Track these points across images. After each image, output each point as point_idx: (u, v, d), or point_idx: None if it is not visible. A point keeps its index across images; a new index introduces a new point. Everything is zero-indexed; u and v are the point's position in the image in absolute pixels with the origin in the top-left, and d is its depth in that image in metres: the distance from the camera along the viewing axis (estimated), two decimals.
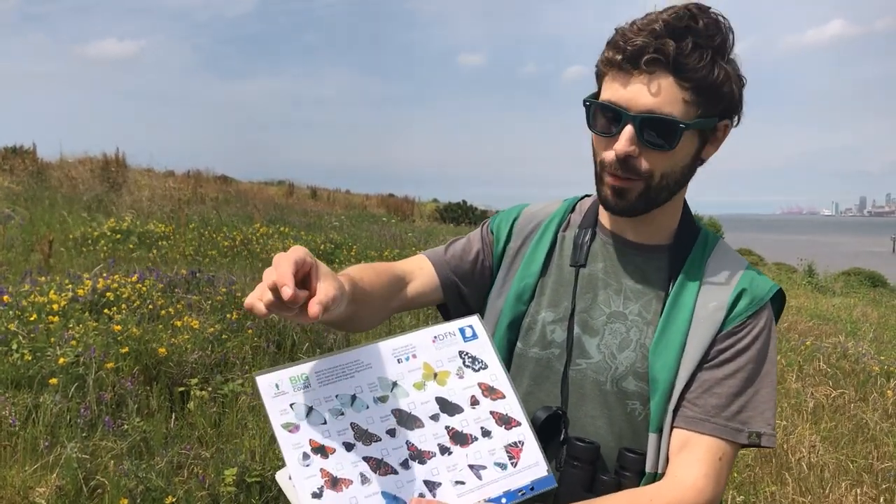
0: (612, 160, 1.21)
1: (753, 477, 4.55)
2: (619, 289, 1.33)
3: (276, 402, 1.06)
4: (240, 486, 3.51)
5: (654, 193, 1.24)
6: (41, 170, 14.76)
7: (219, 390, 4.53)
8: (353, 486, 1.03)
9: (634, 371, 1.27)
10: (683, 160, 1.23)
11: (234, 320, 5.67)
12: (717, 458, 1.20)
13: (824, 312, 12.54)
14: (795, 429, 5.36)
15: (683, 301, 1.27)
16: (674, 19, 1.15)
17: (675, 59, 1.14)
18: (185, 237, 9.67)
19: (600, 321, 1.31)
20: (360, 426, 1.09)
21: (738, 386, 1.23)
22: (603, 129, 1.22)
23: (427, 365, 1.18)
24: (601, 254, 1.36)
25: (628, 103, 1.17)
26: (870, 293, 18.39)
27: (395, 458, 1.08)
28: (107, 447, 3.73)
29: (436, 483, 1.08)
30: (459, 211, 24.52)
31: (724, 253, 1.34)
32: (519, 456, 1.15)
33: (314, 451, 1.04)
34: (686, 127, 1.17)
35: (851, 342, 8.75)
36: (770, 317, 1.29)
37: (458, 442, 1.13)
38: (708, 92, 1.17)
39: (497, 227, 1.47)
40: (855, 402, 6.14)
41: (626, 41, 1.16)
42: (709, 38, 1.16)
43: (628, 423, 1.27)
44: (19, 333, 4.60)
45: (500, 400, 1.19)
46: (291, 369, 1.09)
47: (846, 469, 4.78)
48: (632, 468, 1.23)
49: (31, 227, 9.11)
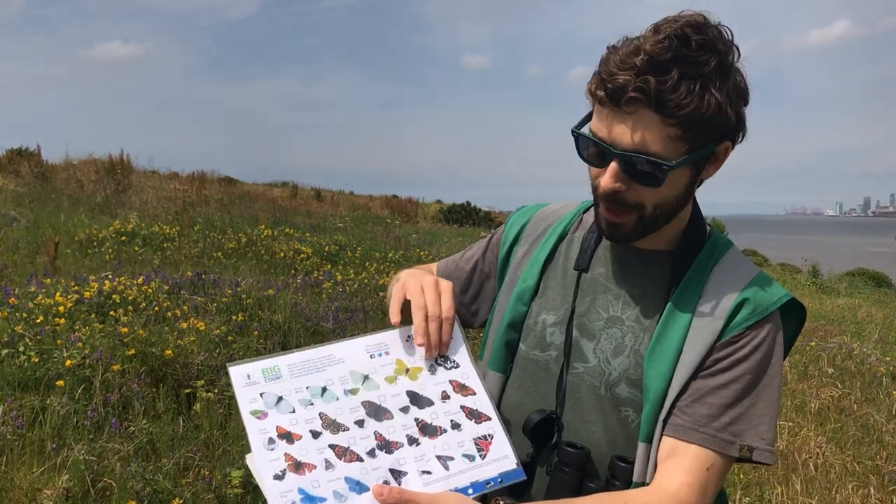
0: (602, 191, 1.19)
1: (759, 478, 4.55)
2: (618, 294, 1.30)
3: (247, 391, 1.11)
4: (246, 488, 3.52)
5: (650, 222, 1.22)
6: (46, 172, 14.80)
7: (225, 392, 4.54)
8: (316, 471, 1.06)
9: (627, 377, 1.25)
10: (676, 191, 1.19)
11: (239, 322, 5.68)
12: (703, 469, 1.15)
13: (829, 313, 12.51)
14: (801, 430, 5.35)
15: (682, 308, 1.23)
16: (659, 51, 1.08)
17: (658, 97, 1.08)
18: (190, 239, 9.69)
19: (598, 325, 1.29)
20: (329, 416, 1.12)
21: (731, 397, 1.18)
22: (592, 160, 1.20)
23: (399, 361, 1.21)
24: (604, 258, 1.34)
25: (613, 141, 1.13)
26: (874, 294, 18.33)
27: (362, 446, 1.11)
28: (114, 449, 3.74)
29: (402, 472, 1.10)
30: (463, 212, 24.52)
31: (732, 261, 1.29)
32: (488, 448, 1.17)
33: (280, 437, 1.08)
34: (671, 167, 1.12)
35: (856, 343, 8.73)
36: (775, 328, 1.23)
37: (426, 433, 1.15)
38: (697, 125, 1.10)
39: (507, 230, 1.49)
40: (860, 404, 6.13)
41: (608, 76, 1.11)
42: (699, 66, 1.09)
43: (622, 430, 1.25)
44: (26, 335, 4.61)
45: (471, 396, 1.22)
46: (264, 361, 1.14)
47: (853, 470, 4.77)
48: (622, 478, 1.20)
49: (36, 229, 9.13)
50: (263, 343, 5.45)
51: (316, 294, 7.33)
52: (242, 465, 3.63)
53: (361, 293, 7.83)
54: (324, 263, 9.80)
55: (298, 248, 10.22)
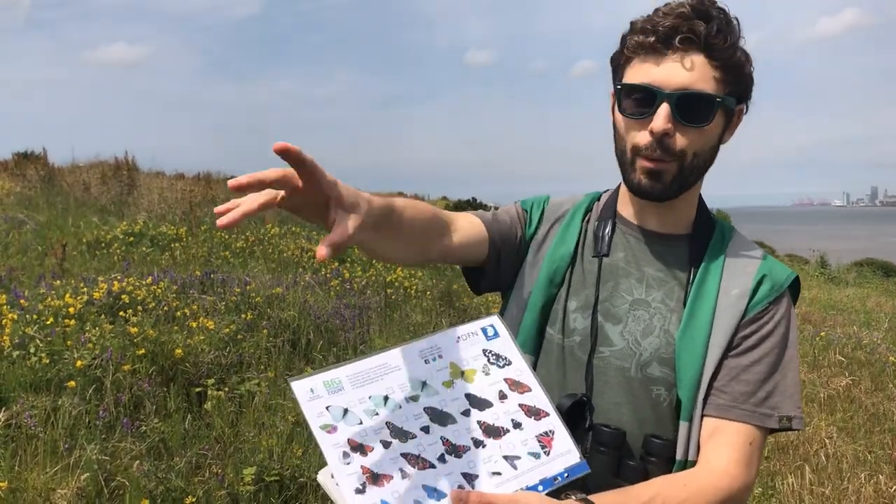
0: (647, 142, 1.23)
1: (771, 469, 4.55)
2: (640, 277, 1.35)
3: (313, 405, 1.09)
4: (258, 485, 3.54)
5: (687, 173, 1.27)
6: (52, 175, 14.84)
7: (235, 390, 4.56)
8: (394, 481, 1.06)
9: (659, 357, 1.29)
10: (712, 140, 1.27)
11: (248, 320, 5.70)
12: (747, 444, 1.22)
13: (837, 303, 12.49)
14: (812, 420, 5.34)
15: (707, 288, 1.30)
16: (698, 3, 1.21)
17: (706, 39, 1.19)
18: (197, 239, 9.72)
19: (623, 309, 1.33)
20: (395, 424, 1.12)
21: (764, 372, 1.25)
22: (634, 112, 1.24)
23: (454, 364, 1.22)
24: (621, 243, 1.38)
25: (662, 82, 1.21)
26: (883, 283, 18.28)
27: (432, 453, 1.11)
28: (126, 448, 3.76)
29: (473, 475, 1.11)
30: (469, 208, 24.53)
31: (741, 242, 1.37)
32: (551, 445, 1.18)
33: (353, 450, 1.07)
34: (721, 101, 1.22)
35: (865, 332, 8.72)
36: (790, 303, 1.32)
37: (490, 435, 1.16)
38: (734, 71, 1.23)
39: (530, 209, 1.48)
40: (871, 393, 6.12)
41: (655, 24, 1.21)
42: (728, 24, 1.22)
43: (652, 409, 1.29)
44: (36, 337, 4.63)
45: (528, 393, 1.22)
46: (324, 374, 1.12)
47: (864, 459, 4.77)
48: (659, 454, 1.26)
49: (44, 231, 9.17)
50: (273, 341, 5.47)
51: (324, 292, 7.35)
52: (254, 463, 3.65)
53: (369, 290, 7.84)
54: (332, 261, 9.82)
55: (306, 246, 10.23)
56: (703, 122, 1.22)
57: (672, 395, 1.28)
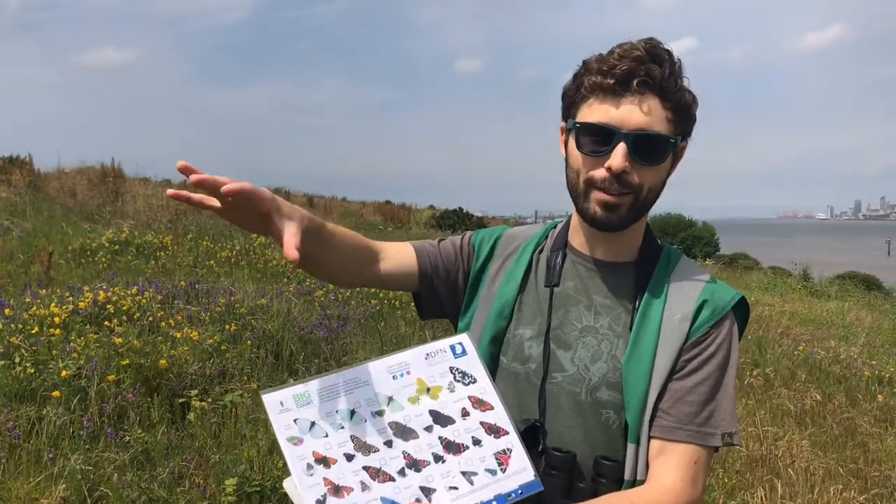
0: (603, 177, 1.30)
1: (743, 483, 4.63)
2: (589, 305, 1.41)
3: (282, 417, 1.16)
4: (240, 496, 3.59)
5: (640, 206, 1.34)
6: (38, 180, 14.80)
7: (218, 401, 4.60)
8: (354, 493, 1.13)
9: (607, 381, 1.35)
10: (664, 175, 1.36)
11: (233, 331, 5.74)
12: (692, 463, 1.29)
13: (818, 317, 12.62)
14: (785, 434, 5.43)
15: (651, 314, 1.36)
16: (651, 48, 1.28)
17: (660, 83, 1.27)
18: (183, 248, 9.74)
19: (573, 336, 1.40)
20: (360, 438, 1.18)
21: (706, 393, 1.32)
22: (593, 150, 1.31)
23: (420, 380, 1.28)
24: (572, 273, 1.45)
25: (620, 123, 1.28)
26: (865, 297, 18.46)
27: (393, 466, 1.17)
28: (109, 458, 3.80)
29: (431, 489, 1.17)
30: (456, 218, 24.60)
31: (686, 267, 1.43)
32: (508, 462, 1.24)
33: (317, 462, 1.14)
34: (675, 141, 1.31)
35: (843, 347, 8.83)
36: (732, 325, 1.38)
37: (450, 451, 1.22)
38: (682, 113, 1.31)
39: (479, 243, 1.56)
40: (845, 407, 6.22)
41: (612, 67, 1.27)
42: (674, 66, 1.30)
43: (603, 432, 1.35)
44: (21, 346, 4.66)
45: (489, 411, 1.29)
46: (295, 388, 1.19)
47: (835, 473, 4.85)
48: (608, 475, 1.31)
49: (30, 238, 9.17)
50: (256, 352, 5.51)
51: (308, 302, 7.40)
52: (236, 474, 3.70)
53: (353, 301, 7.89)
54: None
55: None
56: (657, 161, 1.30)
57: (621, 417, 1.34)
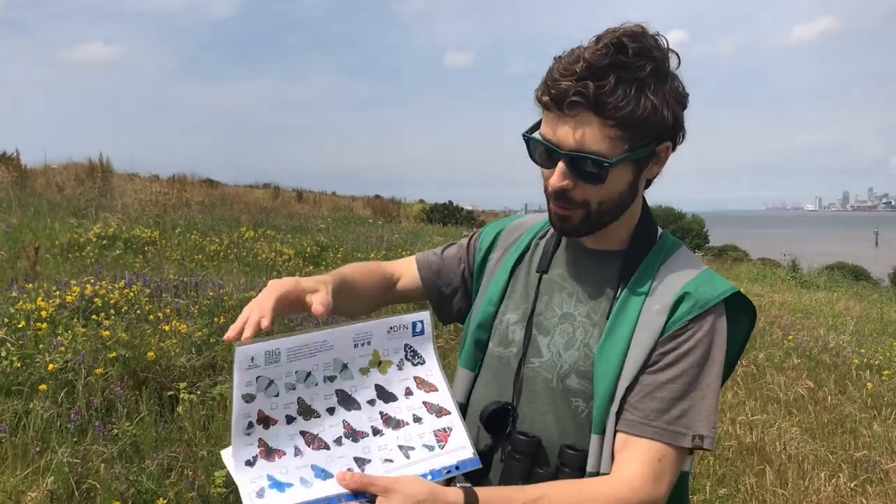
0: (551, 190, 1.28)
1: (735, 470, 4.64)
2: (571, 292, 1.39)
3: (247, 374, 1.14)
4: (230, 488, 3.57)
5: (596, 219, 1.30)
6: (25, 176, 14.70)
7: (207, 394, 4.58)
8: (285, 458, 1.13)
9: (577, 369, 1.32)
10: (619, 188, 1.27)
11: (221, 324, 5.71)
12: (656, 460, 1.23)
13: (807, 307, 12.69)
14: (775, 421, 5.45)
15: (630, 305, 1.31)
16: (597, 58, 1.17)
17: (596, 100, 1.17)
18: (171, 242, 9.69)
19: (552, 322, 1.38)
20: (305, 401, 1.18)
21: (679, 391, 1.25)
22: (542, 162, 1.29)
23: (376, 352, 1.27)
24: (561, 259, 1.43)
25: (559, 142, 1.22)
26: (853, 287, 18.60)
27: (330, 434, 1.17)
28: (97, 451, 3.77)
29: (366, 460, 1.17)
30: (446, 212, 24.59)
31: (681, 259, 1.37)
32: (447, 440, 1.24)
33: (258, 422, 1.13)
34: (612, 164, 1.21)
35: (832, 335, 8.88)
36: (717, 321, 1.29)
37: (389, 425, 1.22)
38: (635, 126, 1.19)
39: (482, 238, 1.58)
40: (834, 395, 6.25)
41: (552, 83, 1.20)
42: (635, 71, 1.18)
43: (573, 420, 1.32)
44: (8, 340, 4.62)
45: (433, 392, 1.28)
46: (268, 343, 1.16)
47: (825, 460, 4.88)
48: (571, 465, 1.28)
49: (16, 234, 9.10)
50: None
51: None
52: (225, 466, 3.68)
53: None
54: (306, 264, 9.83)
55: (280, 249, 10.23)
56: (597, 181, 1.23)
57: (590, 407, 1.30)
